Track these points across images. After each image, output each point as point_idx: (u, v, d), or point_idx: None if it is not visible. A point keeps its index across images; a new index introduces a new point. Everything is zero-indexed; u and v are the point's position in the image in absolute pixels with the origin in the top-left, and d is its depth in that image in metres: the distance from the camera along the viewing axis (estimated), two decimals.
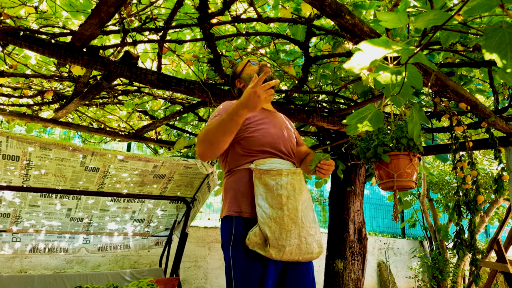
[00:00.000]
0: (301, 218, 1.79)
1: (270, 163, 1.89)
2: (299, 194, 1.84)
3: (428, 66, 2.11)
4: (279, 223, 1.75)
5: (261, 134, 1.97)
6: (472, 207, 2.51)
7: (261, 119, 2.04)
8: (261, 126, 2.00)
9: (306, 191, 1.93)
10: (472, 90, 3.07)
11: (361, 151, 2.35)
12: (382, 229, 8.62)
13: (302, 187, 1.89)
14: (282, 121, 2.16)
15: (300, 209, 1.81)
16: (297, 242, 1.75)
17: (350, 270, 3.80)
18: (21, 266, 4.13)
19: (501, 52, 0.90)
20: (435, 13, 0.97)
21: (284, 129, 2.09)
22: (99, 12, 1.80)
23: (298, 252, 1.75)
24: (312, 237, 1.81)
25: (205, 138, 1.82)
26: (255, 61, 2.17)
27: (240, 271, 1.79)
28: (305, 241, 1.77)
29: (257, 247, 1.76)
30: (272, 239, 1.72)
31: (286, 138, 2.05)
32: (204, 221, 6.17)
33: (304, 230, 1.78)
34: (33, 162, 2.95)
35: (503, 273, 4.69)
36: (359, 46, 0.96)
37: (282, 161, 1.94)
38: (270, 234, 1.73)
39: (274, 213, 1.77)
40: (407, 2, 2.12)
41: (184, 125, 4.55)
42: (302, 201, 1.84)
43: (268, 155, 1.94)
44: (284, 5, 2.53)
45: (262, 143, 1.95)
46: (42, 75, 3.01)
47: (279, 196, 1.80)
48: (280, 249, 1.72)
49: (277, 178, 1.84)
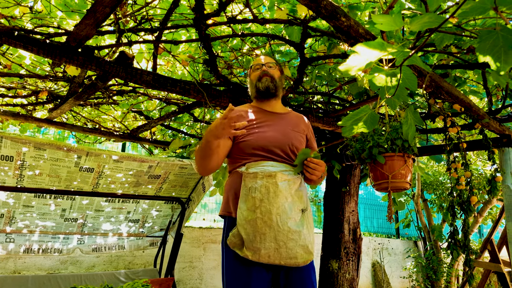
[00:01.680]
0: (277, 221, 1.77)
1: (261, 166, 1.92)
2: (275, 198, 1.80)
3: (422, 68, 2.12)
4: (253, 225, 1.78)
5: (255, 138, 2.01)
6: (466, 208, 2.52)
7: (259, 122, 2.07)
8: (256, 130, 2.04)
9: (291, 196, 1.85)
10: (466, 92, 3.09)
11: (356, 152, 2.36)
12: (377, 229, 8.65)
13: (280, 190, 1.82)
14: (287, 123, 2.13)
15: (275, 212, 1.78)
16: (274, 246, 1.75)
17: (345, 270, 3.81)
18: (15, 267, 4.10)
19: (494, 55, 0.91)
20: (430, 16, 0.98)
21: (286, 132, 2.07)
22: (95, 12, 1.80)
23: (278, 256, 1.76)
24: (294, 241, 1.77)
25: (195, 159, 2.01)
26: (258, 66, 2.17)
27: (230, 270, 1.87)
28: (284, 245, 1.76)
29: (236, 248, 1.83)
30: (247, 241, 1.78)
31: (286, 141, 2.02)
32: (199, 222, 6.16)
33: (281, 234, 1.76)
34: (27, 162, 2.93)
35: (496, 273, 4.73)
36: (354, 48, 0.96)
37: (275, 164, 1.94)
38: (245, 236, 1.79)
39: (248, 216, 1.80)
40: (402, 4, 2.13)
41: (179, 125, 4.54)
42: (279, 205, 1.79)
43: (261, 158, 1.96)
44: (280, 6, 2.54)
45: (254, 146, 1.98)
46: (37, 75, 2.99)
47: (253, 198, 1.82)
48: (256, 251, 1.76)
49: (253, 181, 1.86)
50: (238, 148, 2.03)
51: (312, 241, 1.87)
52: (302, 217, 1.85)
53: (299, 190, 1.91)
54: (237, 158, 2.03)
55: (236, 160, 2.03)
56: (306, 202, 1.93)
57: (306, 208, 1.90)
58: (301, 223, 1.83)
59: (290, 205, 1.82)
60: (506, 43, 0.90)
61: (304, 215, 1.87)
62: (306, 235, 1.83)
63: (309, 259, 1.83)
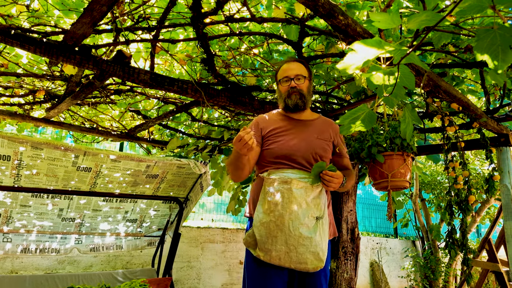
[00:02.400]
0: (289, 226, 1.83)
1: (281, 173, 1.99)
2: (288, 203, 1.87)
3: (420, 66, 2.11)
4: (266, 227, 1.87)
5: (278, 146, 2.09)
6: (464, 207, 2.53)
7: (284, 130, 2.15)
8: (280, 138, 2.12)
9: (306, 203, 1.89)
10: (464, 91, 3.09)
11: (355, 152, 2.36)
12: (375, 229, 8.66)
13: (294, 197, 1.88)
14: (313, 131, 2.15)
15: (288, 217, 1.85)
16: (284, 249, 1.83)
17: (343, 270, 3.80)
18: (12, 267, 4.09)
19: (492, 53, 0.91)
20: (427, 14, 0.97)
21: (310, 140, 2.10)
22: (92, 11, 1.79)
23: (288, 259, 1.83)
24: (305, 247, 1.82)
25: (228, 170, 2.12)
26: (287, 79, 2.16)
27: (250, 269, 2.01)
28: (294, 250, 1.82)
29: (250, 247, 1.94)
30: (260, 242, 1.88)
31: (309, 149, 2.05)
32: (197, 221, 6.16)
33: (292, 239, 1.82)
34: (25, 161, 2.92)
35: (494, 273, 4.73)
36: (352, 46, 0.96)
37: (295, 171, 1.99)
38: (259, 237, 1.88)
39: (263, 218, 1.89)
40: (399, 2, 2.13)
41: (177, 125, 4.53)
42: (292, 210, 1.85)
43: (283, 166, 2.03)
44: (278, 5, 2.53)
45: (277, 155, 2.07)
46: (34, 74, 2.98)
47: (269, 202, 1.91)
48: (267, 253, 1.85)
49: (270, 186, 1.95)
50: (263, 155, 2.13)
51: (325, 249, 1.89)
52: (315, 224, 1.88)
53: (317, 198, 1.94)
54: (262, 164, 2.13)
55: (262, 166, 2.13)
56: (323, 210, 1.94)
57: (322, 216, 1.92)
58: (314, 230, 1.87)
59: (304, 211, 1.87)
60: (504, 41, 0.90)
61: (319, 222, 1.90)
62: (318, 242, 1.86)
63: (319, 266, 1.87)
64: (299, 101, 2.13)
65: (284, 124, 2.17)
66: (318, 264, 1.86)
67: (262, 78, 3.16)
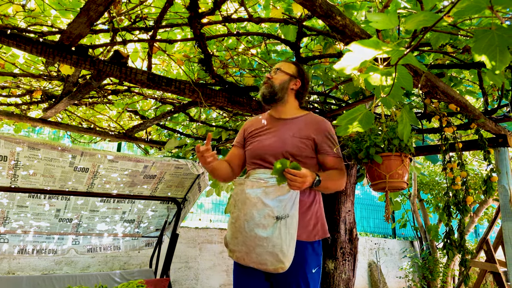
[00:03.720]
0: (244, 227, 1.87)
1: (256, 174, 2.04)
2: (243, 204, 1.90)
3: (418, 67, 2.11)
4: (231, 229, 1.97)
5: (253, 146, 2.15)
6: (462, 208, 2.52)
7: (263, 131, 2.18)
8: (257, 139, 2.17)
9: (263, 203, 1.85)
10: (462, 92, 3.09)
11: (352, 152, 2.35)
12: (373, 229, 8.66)
13: (247, 198, 1.89)
14: (290, 129, 2.10)
15: (243, 218, 1.88)
16: (245, 250, 1.87)
17: (341, 271, 3.80)
18: (9, 268, 4.07)
19: (490, 54, 0.91)
20: (425, 15, 0.97)
21: (284, 138, 2.07)
22: (88, 11, 1.78)
23: (249, 259, 1.86)
24: (262, 248, 1.81)
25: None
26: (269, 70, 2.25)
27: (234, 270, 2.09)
28: (253, 250, 1.84)
29: (226, 247, 2.03)
30: (228, 242, 1.97)
31: (280, 148, 2.03)
32: (195, 222, 6.15)
33: (249, 240, 1.84)
34: (21, 162, 2.91)
35: (492, 273, 4.73)
36: (349, 47, 0.95)
37: (267, 171, 1.99)
38: (228, 237, 1.99)
39: (229, 220, 2.00)
40: (397, 3, 2.13)
41: (175, 125, 4.53)
42: (247, 211, 1.87)
43: (257, 166, 2.08)
44: (275, 5, 2.52)
45: (253, 155, 2.13)
46: (31, 74, 2.97)
47: (231, 204, 2.00)
48: (233, 252, 1.94)
49: (234, 187, 2.03)
50: (246, 157, 2.22)
51: (287, 250, 1.82)
52: (275, 224, 1.83)
53: (280, 197, 1.87)
54: (247, 165, 2.20)
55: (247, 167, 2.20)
56: (289, 209, 1.87)
57: (285, 216, 1.85)
58: (273, 230, 1.82)
59: (260, 212, 1.85)
60: (502, 42, 0.89)
61: (280, 222, 1.83)
62: (277, 243, 1.81)
63: (279, 267, 1.81)
64: (265, 91, 2.13)
65: (265, 124, 2.21)
66: (278, 265, 1.80)
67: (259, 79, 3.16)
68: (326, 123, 2.16)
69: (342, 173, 2.08)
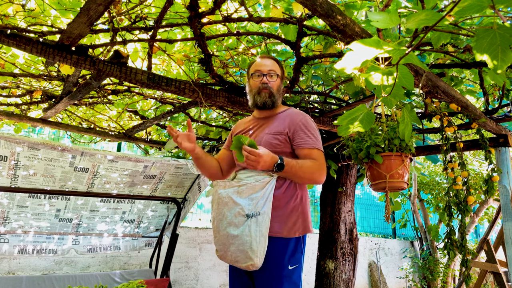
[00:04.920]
0: (219, 226, 1.92)
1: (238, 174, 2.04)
2: (216, 204, 1.96)
3: (419, 66, 2.11)
4: (212, 229, 2.02)
5: None
6: (463, 208, 2.52)
7: (246, 131, 2.23)
8: None
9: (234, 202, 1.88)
10: (462, 91, 3.09)
11: (353, 152, 2.35)
12: (373, 229, 8.65)
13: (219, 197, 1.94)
14: (266, 127, 2.13)
15: (217, 218, 1.94)
16: (222, 248, 1.92)
17: (341, 271, 3.80)
18: (9, 268, 4.07)
19: (492, 53, 0.90)
20: (426, 14, 0.97)
21: (260, 136, 2.10)
22: (88, 11, 1.78)
23: (227, 258, 1.91)
24: (235, 246, 1.85)
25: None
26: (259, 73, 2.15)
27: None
28: (228, 249, 1.88)
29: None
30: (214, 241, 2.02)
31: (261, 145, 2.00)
32: (195, 222, 6.14)
33: (224, 238, 1.89)
34: (21, 162, 2.91)
35: (493, 273, 4.73)
36: (350, 46, 0.95)
37: (246, 171, 2.01)
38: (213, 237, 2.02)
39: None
40: (398, 2, 2.12)
41: (175, 125, 4.52)
42: (219, 211, 1.93)
43: (241, 168, 2.11)
44: (275, 4, 2.52)
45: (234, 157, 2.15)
46: (31, 74, 2.97)
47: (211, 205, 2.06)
48: (217, 251, 1.98)
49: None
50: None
51: (256, 247, 1.82)
52: (245, 222, 1.84)
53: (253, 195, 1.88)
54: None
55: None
56: (262, 207, 1.87)
57: (256, 214, 1.85)
58: (243, 228, 1.84)
59: (231, 210, 1.89)
60: (504, 41, 0.89)
61: (251, 220, 1.84)
62: (246, 240, 1.82)
63: (250, 264, 1.82)
64: (267, 100, 2.11)
65: (249, 125, 2.25)
66: (249, 263, 1.81)
67: None
68: (301, 116, 2.11)
69: (318, 164, 1.98)
